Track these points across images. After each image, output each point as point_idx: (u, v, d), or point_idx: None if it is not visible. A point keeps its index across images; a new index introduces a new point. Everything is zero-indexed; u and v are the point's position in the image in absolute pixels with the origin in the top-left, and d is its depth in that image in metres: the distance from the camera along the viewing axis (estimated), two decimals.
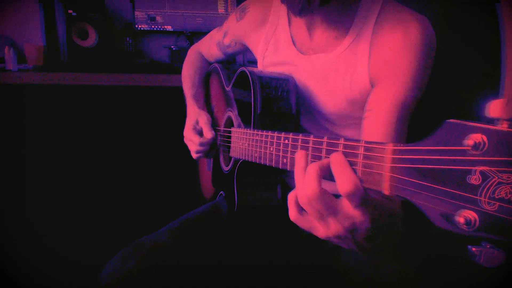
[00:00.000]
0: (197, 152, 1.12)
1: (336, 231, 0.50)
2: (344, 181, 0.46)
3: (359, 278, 0.86)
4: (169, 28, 2.15)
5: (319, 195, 0.48)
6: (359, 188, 0.46)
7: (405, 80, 0.80)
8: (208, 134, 1.09)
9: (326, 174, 0.50)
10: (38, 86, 1.76)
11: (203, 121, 1.12)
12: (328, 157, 0.51)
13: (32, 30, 2.09)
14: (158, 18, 2.12)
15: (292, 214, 0.53)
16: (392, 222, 0.57)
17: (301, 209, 0.53)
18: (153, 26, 2.13)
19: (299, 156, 0.53)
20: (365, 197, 0.47)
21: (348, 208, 0.48)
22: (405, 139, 0.82)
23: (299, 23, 0.95)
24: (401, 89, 0.80)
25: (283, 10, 1.00)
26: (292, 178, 1.02)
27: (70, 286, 1.68)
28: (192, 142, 1.12)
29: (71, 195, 2.13)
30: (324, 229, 0.52)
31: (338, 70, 0.89)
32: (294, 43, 0.98)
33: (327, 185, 0.50)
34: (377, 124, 0.81)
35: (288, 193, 0.54)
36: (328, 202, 0.49)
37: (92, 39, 2.00)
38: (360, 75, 0.86)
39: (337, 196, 0.49)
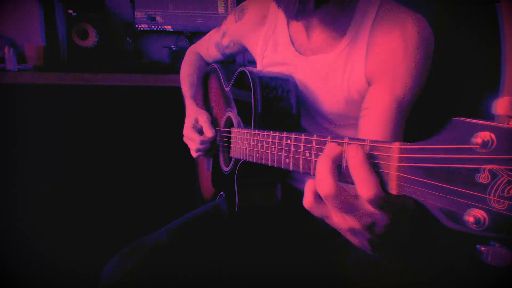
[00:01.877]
0: (197, 150, 1.12)
1: (353, 226, 0.48)
2: (365, 185, 0.43)
3: (358, 278, 0.86)
4: (169, 28, 2.15)
5: (335, 193, 0.45)
6: (380, 193, 0.43)
7: (402, 79, 0.80)
8: (209, 132, 1.09)
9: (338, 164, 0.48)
10: (38, 86, 1.76)
11: (203, 119, 1.12)
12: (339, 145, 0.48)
13: (32, 30, 2.08)
14: (158, 18, 2.12)
15: (308, 201, 0.50)
16: (406, 219, 0.56)
17: (318, 198, 0.49)
18: (153, 26, 2.13)
19: (330, 149, 0.48)
20: (385, 200, 0.44)
21: (368, 206, 0.46)
22: (401, 139, 0.82)
23: (297, 24, 0.95)
24: (397, 88, 0.80)
25: (281, 11, 1.00)
26: (295, 179, 1.02)
27: (70, 286, 1.68)
28: (192, 141, 1.12)
29: (71, 195, 2.13)
30: (339, 221, 0.49)
31: (336, 70, 0.89)
32: (292, 44, 0.98)
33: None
34: (374, 123, 0.81)
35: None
36: (346, 199, 0.46)
37: (92, 39, 2.00)
38: (357, 74, 0.86)
39: None
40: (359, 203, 0.46)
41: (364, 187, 0.43)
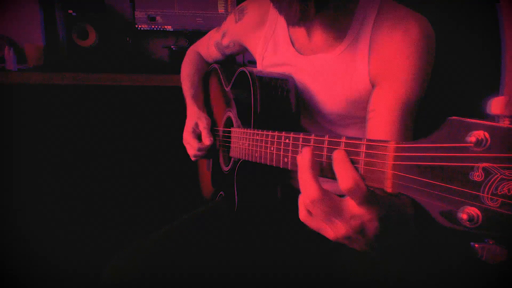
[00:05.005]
0: (195, 156, 1.13)
1: (344, 232, 0.50)
2: (344, 177, 0.46)
3: (358, 278, 0.86)
4: (169, 28, 2.15)
5: (320, 196, 0.48)
6: (360, 185, 0.46)
7: (406, 80, 0.80)
8: (207, 140, 1.09)
9: (318, 168, 0.50)
10: (38, 86, 1.76)
11: (203, 125, 1.12)
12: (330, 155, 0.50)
13: (32, 30, 2.08)
14: (158, 18, 2.12)
15: (302, 214, 0.53)
16: (402, 220, 0.57)
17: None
18: (153, 26, 2.13)
19: (302, 158, 0.52)
20: (367, 194, 0.46)
21: (352, 206, 0.48)
22: (410, 139, 0.82)
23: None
24: (402, 89, 0.80)
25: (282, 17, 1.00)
26: (294, 178, 1.02)
27: (70, 286, 1.68)
28: (191, 146, 1.12)
29: (71, 195, 2.13)
30: (332, 230, 0.51)
31: (337, 70, 0.89)
32: (293, 44, 0.98)
33: (330, 186, 0.50)
34: (381, 124, 0.81)
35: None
36: (331, 202, 0.48)
37: (92, 39, 2.00)
38: (360, 75, 0.86)
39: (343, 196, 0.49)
40: (343, 205, 0.49)
41: (343, 178, 0.46)
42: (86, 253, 1.69)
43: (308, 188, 0.49)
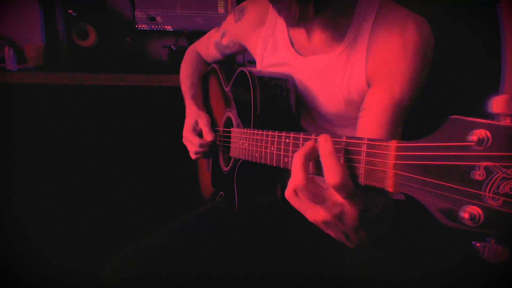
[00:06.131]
0: (196, 153, 1.12)
1: (324, 217, 0.51)
2: (331, 173, 0.47)
3: (359, 278, 0.86)
4: (169, 28, 2.15)
5: (305, 185, 0.49)
6: (346, 182, 0.46)
7: (401, 81, 0.80)
8: (208, 136, 1.09)
9: (312, 160, 0.52)
10: (38, 86, 1.76)
11: (203, 122, 1.12)
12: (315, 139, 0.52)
13: (32, 30, 2.09)
14: (158, 18, 2.12)
15: (288, 193, 0.54)
16: (384, 218, 0.57)
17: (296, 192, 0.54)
18: (153, 26, 2.13)
19: (299, 150, 0.53)
20: (353, 191, 0.47)
21: (336, 196, 0.49)
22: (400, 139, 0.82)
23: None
24: (396, 90, 0.80)
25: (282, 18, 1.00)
26: None
27: (70, 286, 1.68)
28: (191, 143, 1.12)
29: (71, 195, 2.13)
30: (313, 213, 0.52)
31: (336, 70, 0.89)
32: (292, 44, 0.98)
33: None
34: (370, 124, 0.81)
35: None
36: (315, 191, 0.50)
37: (92, 39, 2.00)
38: (357, 75, 0.86)
39: None
40: (327, 194, 0.50)
41: (330, 174, 0.46)
42: (86, 253, 1.69)
43: (294, 175, 0.50)
